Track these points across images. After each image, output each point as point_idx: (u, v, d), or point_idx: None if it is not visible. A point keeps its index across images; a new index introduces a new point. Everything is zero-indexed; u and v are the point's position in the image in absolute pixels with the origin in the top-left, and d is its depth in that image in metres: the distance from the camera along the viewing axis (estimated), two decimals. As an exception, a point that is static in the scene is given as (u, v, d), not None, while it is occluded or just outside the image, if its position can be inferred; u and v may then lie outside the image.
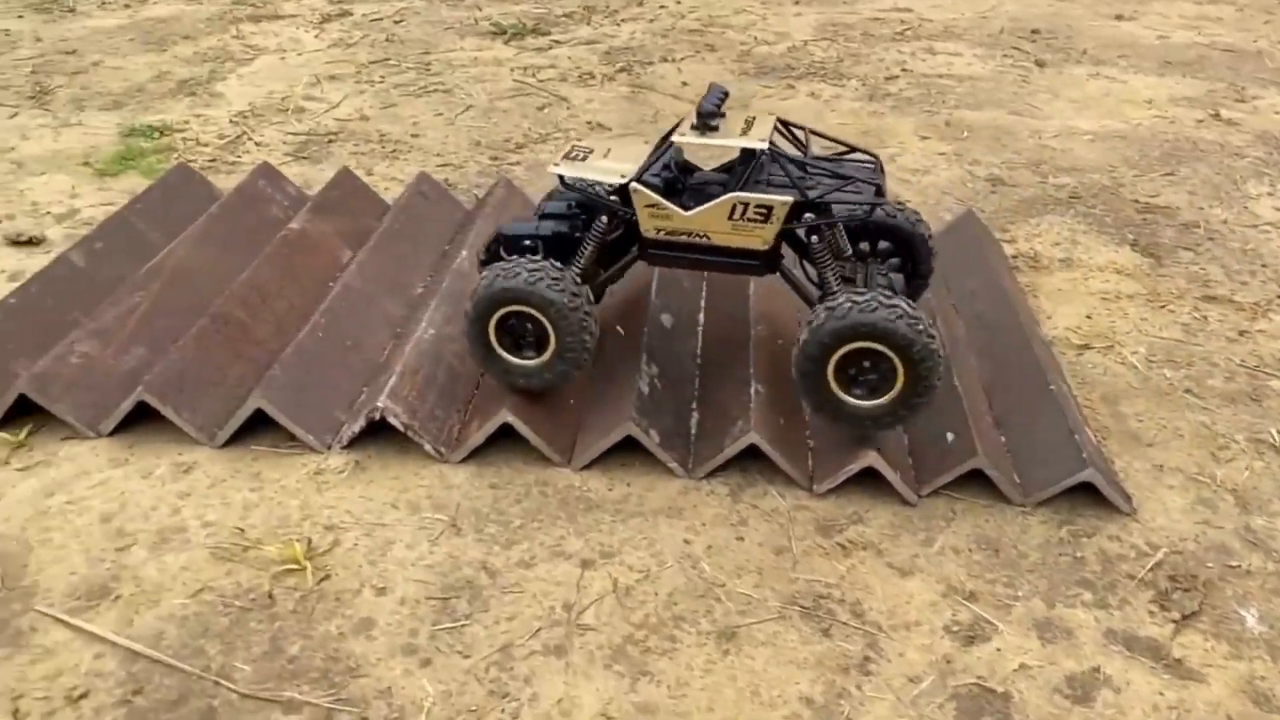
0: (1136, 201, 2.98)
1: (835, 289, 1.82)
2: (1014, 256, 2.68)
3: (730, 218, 1.81)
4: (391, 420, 1.84)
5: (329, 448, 1.89)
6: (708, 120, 1.81)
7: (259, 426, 1.90)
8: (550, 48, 4.27)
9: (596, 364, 2.11)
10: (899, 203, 2.08)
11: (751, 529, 1.74)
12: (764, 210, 1.79)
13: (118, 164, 3.05)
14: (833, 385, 1.74)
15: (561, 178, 1.91)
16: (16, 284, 2.43)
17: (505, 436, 1.87)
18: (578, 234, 1.93)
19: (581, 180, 1.90)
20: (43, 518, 1.72)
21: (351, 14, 4.62)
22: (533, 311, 1.80)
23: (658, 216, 1.84)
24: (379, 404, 1.85)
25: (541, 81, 3.87)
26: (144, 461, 1.85)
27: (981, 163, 3.24)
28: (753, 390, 1.89)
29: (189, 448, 1.89)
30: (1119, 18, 4.75)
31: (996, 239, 2.70)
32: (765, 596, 1.61)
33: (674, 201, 1.84)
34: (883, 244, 2.03)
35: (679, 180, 1.91)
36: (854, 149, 1.97)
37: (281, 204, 2.69)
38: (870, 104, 3.71)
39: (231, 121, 3.42)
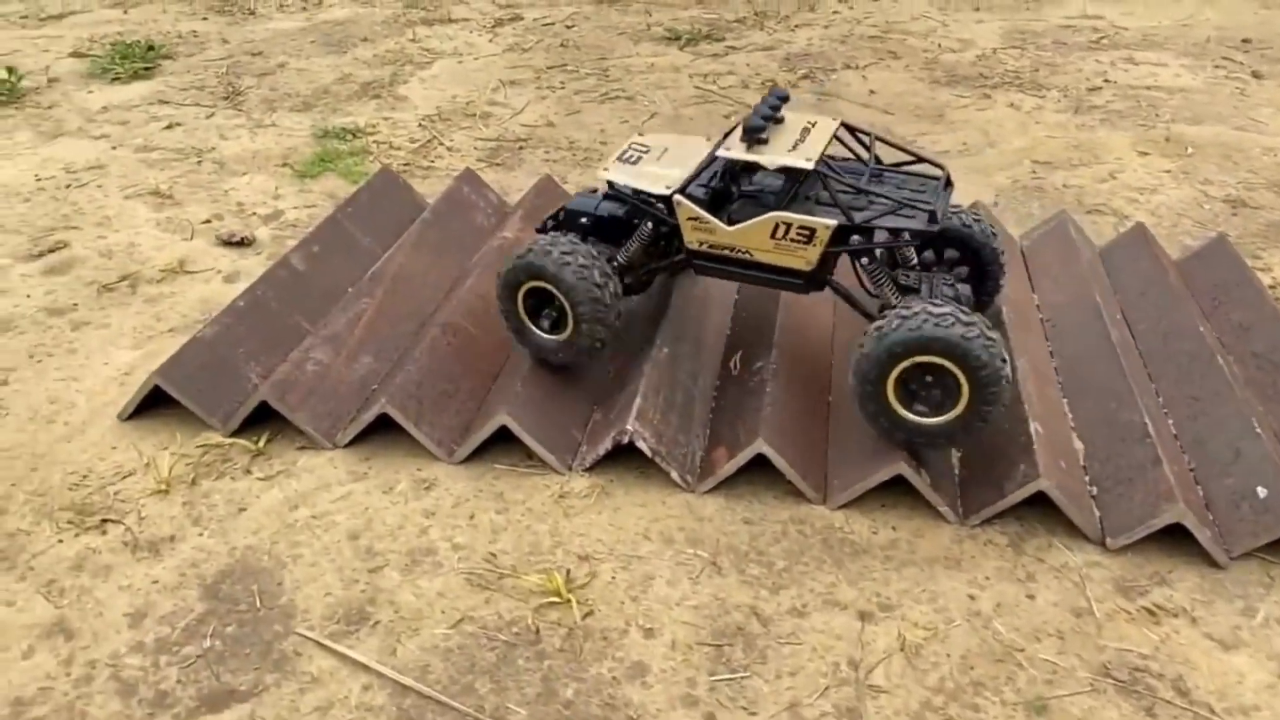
0: (1405, 229, 2.69)
1: (894, 302, 1.72)
2: (1271, 287, 2.43)
3: (773, 236, 1.74)
4: (640, 445, 1.74)
5: (570, 469, 1.80)
6: (755, 134, 1.72)
7: (492, 442, 1.82)
8: (726, 54, 4.15)
9: (839, 396, 1.97)
10: (974, 213, 1.97)
11: (1042, 586, 1.58)
12: (807, 231, 1.71)
13: (316, 165, 3.05)
14: (892, 399, 1.64)
15: (610, 184, 1.89)
16: (232, 284, 2.43)
17: (751, 466, 1.75)
18: (635, 220, 1.90)
19: (628, 187, 1.86)
20: (290, 531, 1.67)
21: (522, 18, 4.59)
22: (555, 291, 1.79)
23: (700, 229, 1.79)
24: (627, 427, 1.74)
25: (723, 89, 3.75)
26: (383, 476, 1.79)
27: (1214, 182, 2.98)
28: (1033, 429, 1.73)
29: (426, 462, 1.82)
30: (1337, 27, 4.39)
31: (1251, 268, 2.46)
32: (1072, 665, 1.44)
33: (722, 211, 1.79)
34: (950, 253, 1.98)
35: (734, 183, 1.85)
36: (921, 159, 1.87)
37: (485, 211, 2.63)
38: (1076, 116, 3.48)
39: (420, 125, 3.40)
